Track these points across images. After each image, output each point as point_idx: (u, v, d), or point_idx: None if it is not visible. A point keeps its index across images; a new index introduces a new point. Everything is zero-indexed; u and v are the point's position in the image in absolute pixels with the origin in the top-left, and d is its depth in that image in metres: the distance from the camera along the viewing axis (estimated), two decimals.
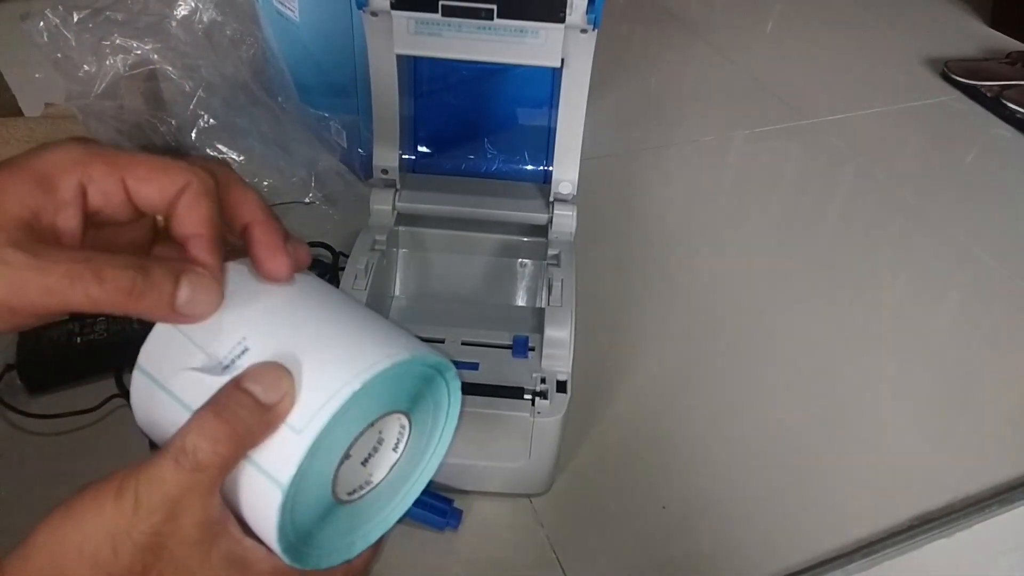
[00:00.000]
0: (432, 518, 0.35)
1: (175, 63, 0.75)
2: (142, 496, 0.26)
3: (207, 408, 0.27)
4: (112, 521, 0.26)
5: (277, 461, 0.27)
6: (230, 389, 0.27)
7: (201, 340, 0.29)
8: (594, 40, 0.57)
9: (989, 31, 1.43)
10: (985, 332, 0.81)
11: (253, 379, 0.27)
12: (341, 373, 0.27)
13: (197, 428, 0.26)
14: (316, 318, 0.30)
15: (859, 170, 1.03)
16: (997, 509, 0.62)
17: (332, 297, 0.31)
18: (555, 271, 0.61)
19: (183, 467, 0.26)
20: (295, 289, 0.31)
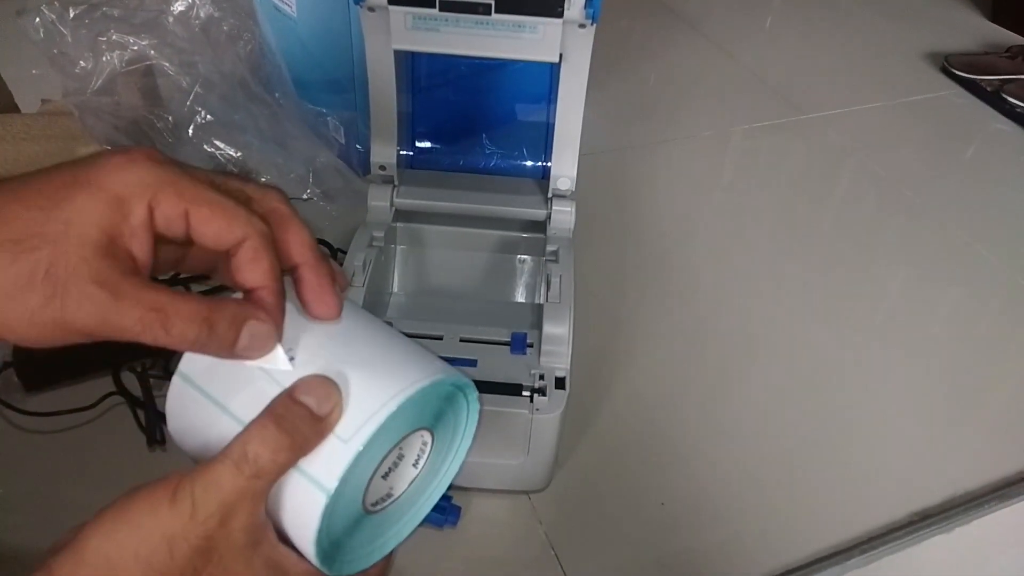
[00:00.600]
0: (431, 515, 0.35)
1: (172, 59, 0.75)
2: (199, 501, 0.26)
3: (267, 418, 0.28)
4: (169, 525, 0.26)
5: (324, 468, 0.28)
6: (286, 401, 0.28)
7: None
8: (592, 35, 0.57)
9: (989, 25, 1.43)
10: (985, 328, 0.80)
11: (306, 391, 0.28)
12: (384, 390, 0.29)
13: (259, 437, 0.27)
14: (357, 338, 0.31)
15: (859, 165, 1.02)
16: (996, 505, 0.62)
17: (367, 320, 0.33)
18: (553, 267, 0.61)
19: (243, 473, 0.27)
20: (345, 314, 0.32)
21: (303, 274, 0.30)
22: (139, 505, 0.27)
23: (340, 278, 0.32)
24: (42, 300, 0.24)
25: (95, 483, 0.57)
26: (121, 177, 0.26)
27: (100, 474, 0.58)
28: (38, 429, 0.60)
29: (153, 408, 0.61)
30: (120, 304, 0.25)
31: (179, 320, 0.26)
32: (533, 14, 0.54)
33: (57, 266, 0.24)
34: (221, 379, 0.30)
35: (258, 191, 0.30)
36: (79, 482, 0.57)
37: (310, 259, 0.30)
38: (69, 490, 0.57)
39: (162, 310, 0.26)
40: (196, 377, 0.31)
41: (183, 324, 0.26)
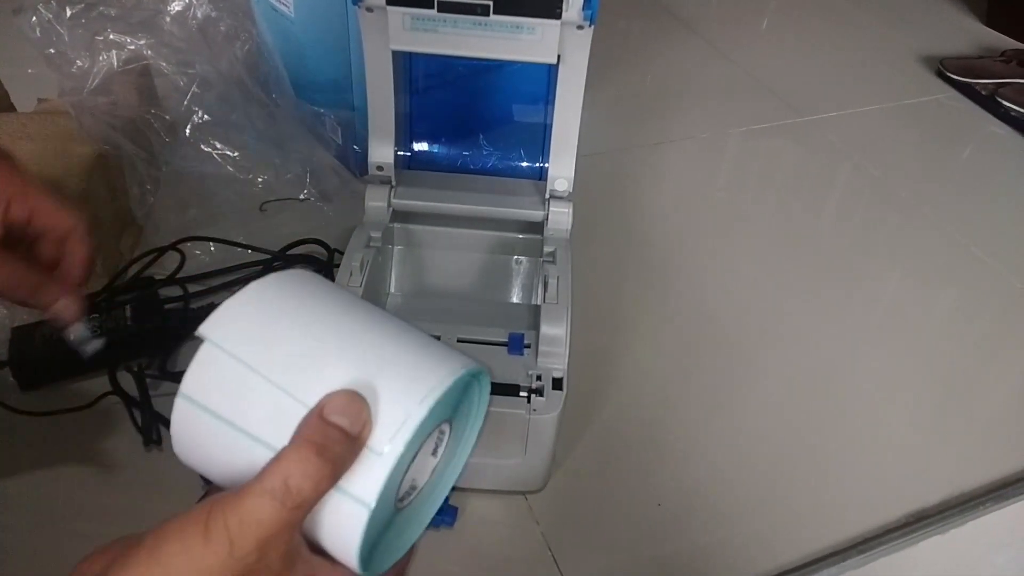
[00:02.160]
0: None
1: (169, 59, 0.75)
2: (236, 537, 0.25)
3: (306, 447, 0.27)
4: (204, 562, 0.25)
5: (362, 483, 0.27)
6: (320, 424, 0.27)
7: (264, 368, 0.29)
8: (590, 36, 0.57)
9: (984, 29, 1.43)
10: (980, 329, 0.81)
11: (338, 411, 0.27)
12: (412, 394, 0.28)
13: (301, 470, 0.26)
14: (371, 336, 0.30)
15: (855, 167, 1.03)
16: (991, 506, 0.62)
17: (375, 313, 0.32)
18: (551, 268, 0.61)
19: (285, 507, 0.26)
20: (341, 308, 0.31)
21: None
22: (171, 545, 0.26)
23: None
24: None
25: (91, 483, 0.57)
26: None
27: (96, 474, 0.58)
28: (34, 429, 0.60)
29: (149, 408, 0.60)
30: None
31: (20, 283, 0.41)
32: (531, 15, 0.54)
33: None
34: (230, 397, 0.29)
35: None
36: (75, 482, 0.57)
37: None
38: (65, 489, 0.57)
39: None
40: (202, 397, 0.29)
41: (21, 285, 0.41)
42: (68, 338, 0.46)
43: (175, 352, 0.66)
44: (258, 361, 0.29)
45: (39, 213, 0.42)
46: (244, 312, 0.30)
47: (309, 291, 0.32)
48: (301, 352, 0.29)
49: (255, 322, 0.30)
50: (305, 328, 0.30)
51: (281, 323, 0.30)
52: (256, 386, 0.28)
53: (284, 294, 0.31)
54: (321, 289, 0.32)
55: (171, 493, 0.58)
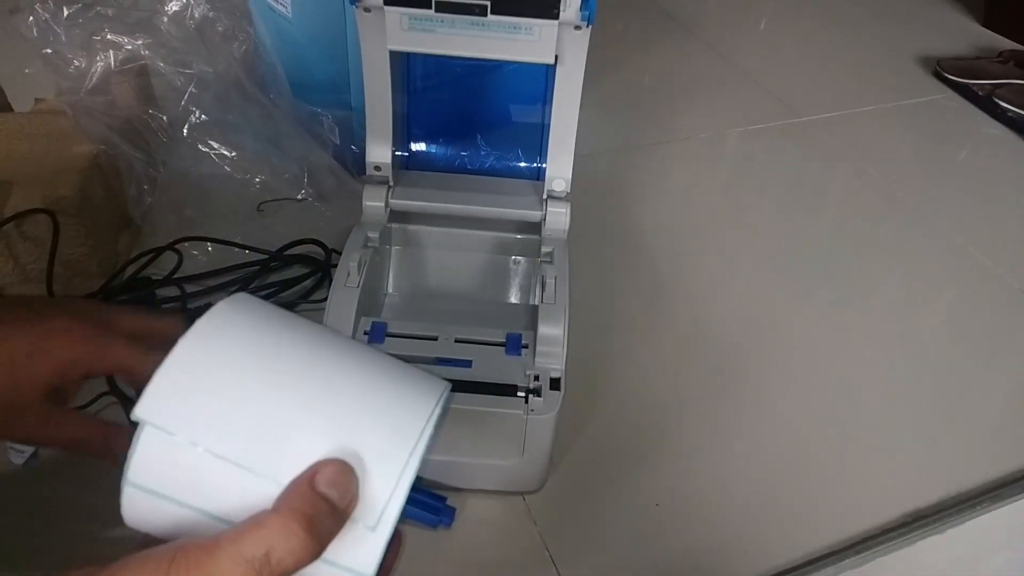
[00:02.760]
0: (425, 516, 0.35)
1: (166, 59, 0.75)
2: None
3: (294, 518, 0.25)
4: None
5: (359, 559, 0.26)
6: (311, 495, 0.25)
7: (221, 447, 0.26)
8: (588, 37, 0.57)
9: (981, 30, 1.44)
10: (977, 330, 0.81)
11: (328, 483, 0.26)
12: (395, 455, 0.27)
13: (285, 543, 0.24)
14: (335, 384, 0.28)
15: (852, 168, 1.03)
16: (989, 506, 0.62)
17: (329, 345, 0.29)
18: (548, 268, 0.61)
19: (251, 574, 0.24)
20: (290, 345, 0.29)
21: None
22: None
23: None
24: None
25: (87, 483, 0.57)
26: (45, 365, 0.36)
27: (92, 474, 0.57)
28: None
29: None
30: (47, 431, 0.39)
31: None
32: (529, 15, 0.54)
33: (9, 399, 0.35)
34: (188, 483, 0.26)
35: (156, 321, 0.40)
36: (70, 482, 0.57)
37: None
38: (60, 490, 0.56)
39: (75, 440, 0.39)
40: (155, 484, 0.27)
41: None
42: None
43: None
44: (212, 440, 0.26)
45: (121, 370, 0.38)
46: (183, 381, 0.27)
47: (250, 332, 0.28)
48: (260, 419, 0.26)
49: (199, 390, 0.26)
50: (258, 386, 0.27)
51: (229, 386, 0.26)
52: (216, 468, 0.26)
53: (224, 344, 0.27)
54: (262, 324, 0.29)
55: None
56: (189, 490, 0.26)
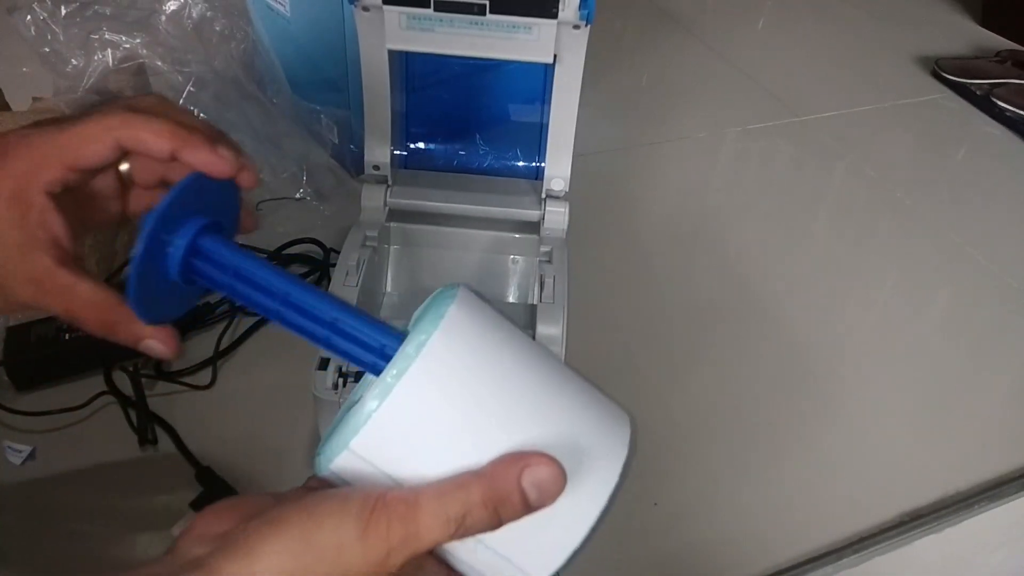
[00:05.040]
0: None
1: (164, 58, 0.75)
2: (394, 549, 0.25)
3: (492, 496, 0.26)
4: (354, 565, 0.25)
5: (536, 565, 0.27)
6: (510, 484, 0.26)
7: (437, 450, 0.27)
8: (587, 36, 0.57)
9: (979, 29, 1.44)
10: (974, 329, 0.81)
11: (533, 481, 0.26)
12: (599, 483, 0.28)
13: (480, 512, 0.26)
14: (554, 392, 0.29)
15: (850, 167, 1.03)
16: (986, 505, 0.62)
17: (541, 356, 0.30)
18: (547, 268, 0.61)
19: (449, 532, 0.25)
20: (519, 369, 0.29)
21: (180, 153, 0.31)
22: (325, 534, 0.25)
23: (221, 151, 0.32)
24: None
25: (86, 483, 0.57)
26: (6, 177, 0.30)
27: (91, 474, 0.57)
28: (29, 428, 0.59)
29: (145, 408, 0.60)
30: (47, 299, 0.31)
31: (86, 319, 0.31)
32: (528, 15, 0.54)
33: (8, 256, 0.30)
34: (403, 466, 0.27)
35: (125, 101, 0.33)
36: (70, 482, 0.57)
37: (174, 138, 0.31)
38: (60, 490, 0.56)
39: (72, 311, 0.31)
40: (370, 456, 0.27)
41: (89, 323, 0.31)
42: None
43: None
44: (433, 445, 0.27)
45: (69, 156, 0.31)
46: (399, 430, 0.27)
47: (471, 358, 0.28)
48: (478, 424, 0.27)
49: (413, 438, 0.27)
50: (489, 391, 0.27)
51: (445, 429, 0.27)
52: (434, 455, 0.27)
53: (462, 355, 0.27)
54: (483, 345, 0.28)
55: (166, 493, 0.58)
56: (402, 472, 0.27)
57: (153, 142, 0.31)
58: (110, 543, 0.53)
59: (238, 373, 0.65)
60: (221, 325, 0.68)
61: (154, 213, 0.29)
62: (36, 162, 0.30)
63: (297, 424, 0.62)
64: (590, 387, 0.31)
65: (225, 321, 0.69)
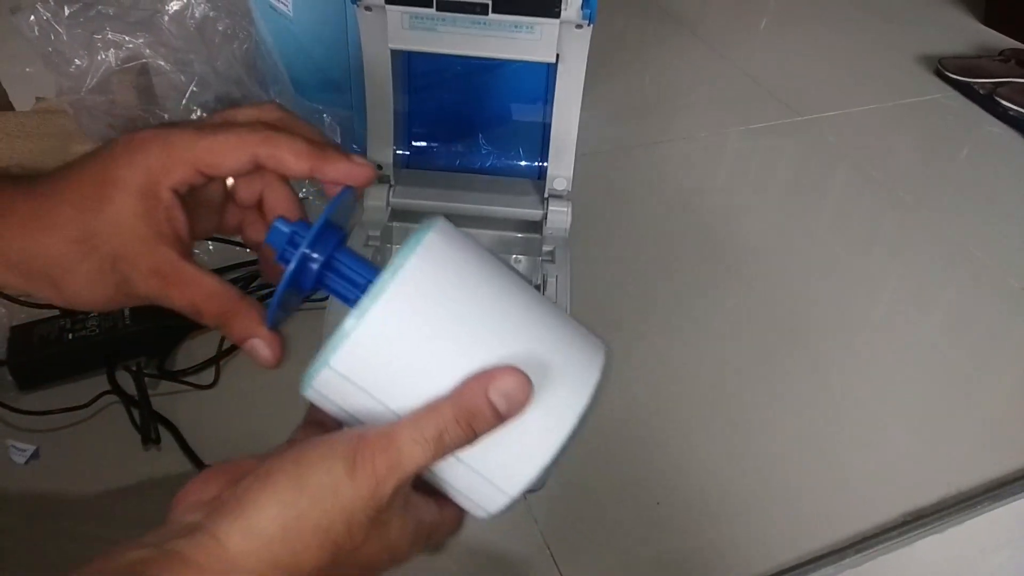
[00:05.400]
0: None
1: (167, 58, 0.75)
2: (381, 479, 0.27)
3: (462, 413, 0.28)
4: (349, 500, 0.27)
5: (508, 480, 0.29)
6: (479, 398, 0.28)
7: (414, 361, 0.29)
8: (589, 36, 0.57)
9: (982, 28, 1.43)
10: (977, 329, 0.81)
11: (500, 392, 0.28)
12: (568, 399, 0.30)
13: (454, 430, 0.28)
14: (526, 317, 0.30)
15: (853, 166, 1.03)
16: (988, 505, 0.62)
17: (518, 283, 0.32)
18: (550, 267, 0.61)
19: (433, 456, 0.28)
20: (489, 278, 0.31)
21: (320, 171, 0.33)
22: (316, 476, 0.27)
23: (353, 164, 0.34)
24: (115, 286, 0.31)
25: (90, 482, 0.57)
26: (138, 170, 0.31)
27: (95, 473, 0.58)
28: (32, 428, 0.59)
29: (148, 407, 0.60)
30: (170, 290, 0.32)
31: (206, 310, 0.32)
32: (530, 14, 0.54)
33: (120, 261, 0.31)
34: (382, 383, 0.29)
35: (251, 111, 0.34)
36: (73, 481, 0.57)
37: (313, 157, 0.32)
38: (63, 490, 0.56)
39: (195, 303, 0.32)
40: (350, 373, 0.29)
41: (208, 315, 0.32)
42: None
43: (173, 351, 0.66)
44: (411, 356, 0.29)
45: (208, 168, 0.32)
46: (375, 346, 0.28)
47: (450, 278, 0.30)
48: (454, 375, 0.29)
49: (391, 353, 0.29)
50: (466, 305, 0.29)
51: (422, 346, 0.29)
52: (410, 372, 0.29)
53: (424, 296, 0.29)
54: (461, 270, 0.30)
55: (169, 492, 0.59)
56: (381, 389, 0.29)
57: (293, 162, 0.32)
58: (113, 543, 0.53)
59: (241, 373, 0.65)
60: None
61: (314, 229, 0.31)
62: (170, 160, 0.31)
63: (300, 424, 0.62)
64: (566, 317, 0.32)
65: None
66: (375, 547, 0.28)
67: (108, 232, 0.31)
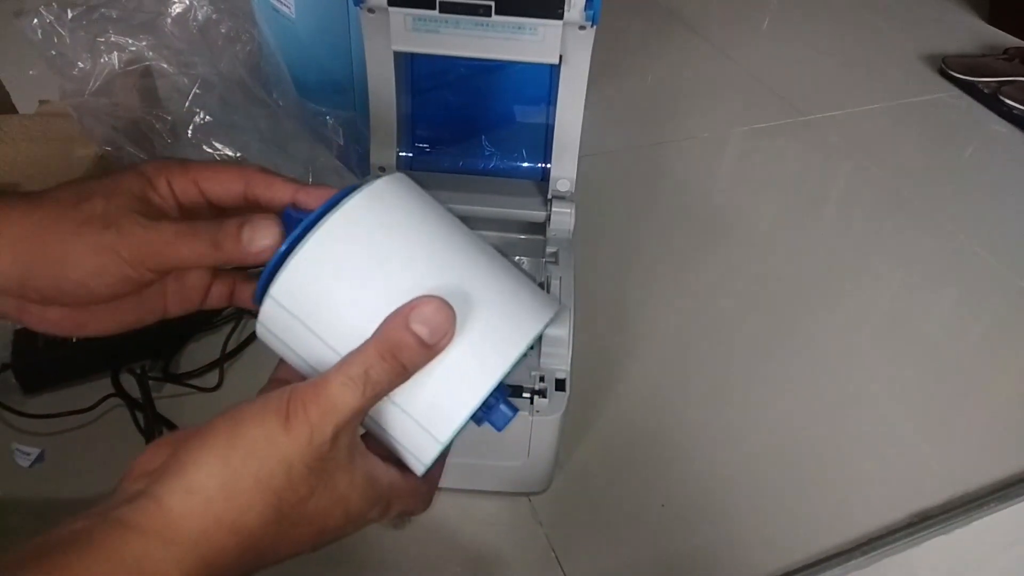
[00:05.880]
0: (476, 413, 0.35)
1: (170, 60, 0.75)
2: (316, 425, 0.27)
3: (385, 347, 0.28)
4: (286, 450, 0.27)
5: (440, 423, 0.29)
6: (400, 330, 0.28)
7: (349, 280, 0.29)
8: (592, 37, 0.57)
9: (987, 27, 1.43)
10: (982, 328, 0.81)
11: (421, 320, 0.28)
12: (501, 344, 0.29)
13: (380, 365, 0.28)
14: (465, 262, 0.31)
15: (857, 166, 1.03)
16: (996, 506, 0.62)
17: (468, 236, 0.32)
18: (553, 269, 0.61)
19: (364, 395, 0.28)
20: (434, 224, 0.31)
21: (300, 199, 0.34)
22: (251, 432, 0.27)
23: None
24: (99, 230, 0.30)
25: (94, 485, 0.57)
26: (143, 167, 0.33)
27: (99, 476, 0.58)
28: (36, 431, 0.60)
29: (152, 410, 0.60)
30: (157, 224, 0.31)
31: (202, 225, 0.31)
32: (533, 16, 0.54)
33: (109, 209, 0.30)
34: (319, 312, 0.30)
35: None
36: (78, 484, 0.57)
37: (297, 184, 0.34)
38: (68, 493, 0.57)
39: (190, 223, 0.31)
40: (291, 305, 0.30)
41: (206, 226, 0.31)
42: None
43: (177, 354, 0.66)
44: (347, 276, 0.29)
45: (203, 180, 0.34)
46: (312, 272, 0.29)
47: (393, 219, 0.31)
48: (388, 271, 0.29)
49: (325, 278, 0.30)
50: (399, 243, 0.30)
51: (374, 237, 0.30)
52: (336, 300, 0.29)
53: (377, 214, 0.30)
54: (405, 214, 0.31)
55: None
56: (318, 320, 0.29)
57: (281, 185, 0.34)
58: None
59: (245, 375, 0.65)
60: (228, 327, 0.68)
61: (318, 211, 0.31)
62: (166, 165, 0.33)
63: None
64: (518, 274, 0.33)
65: (232, 323, 0.69)
66: (323, 501, 0.28)
67: (103, 190, 0.31)
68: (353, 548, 0.54)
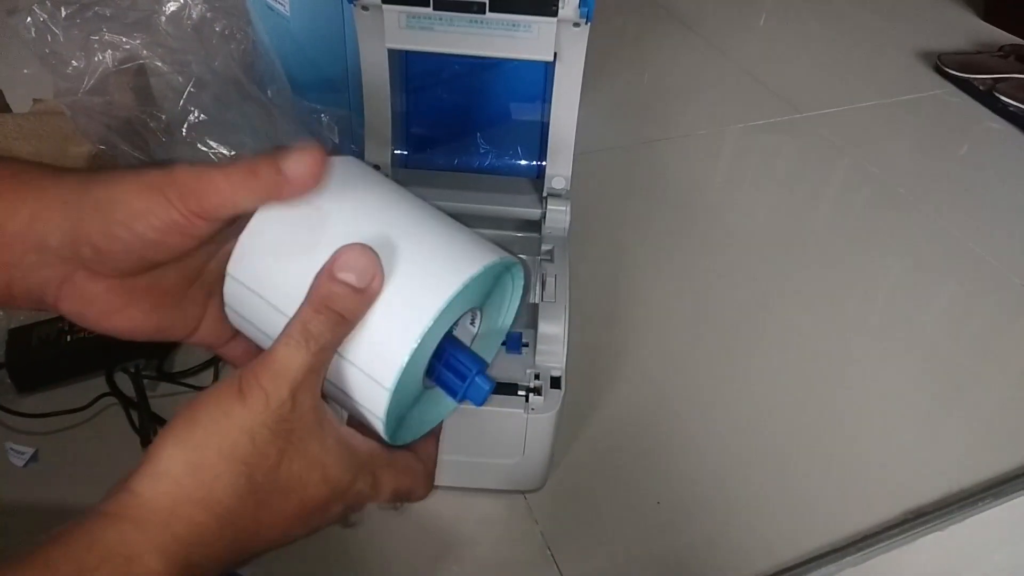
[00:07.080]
0: (450, 380, 0.33)
1: (165, 58, 0.74)
2: (270, 389, 0.27)
3: (317, 302, 0.28)
4: (246, 420, 0.27)
5: (382, 367, 0.29)
6: (328, 281, 0.28)
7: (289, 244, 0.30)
8: (587, 34, 0.57)
9: (982, 24, 1.43)
10: (977, 325, 0.81)
11: (345, 268, 0.28)
12: (440, 279, 0.30)
13: (317, 321, 0.28)
14: (407, 217, 0.32)
15: (852, 163, 1.03)
16: (990, 503, 0.62)
17: (416, 201, 0.33)
18: (548, 267, 0.60)
19: (309, 351, 0.28)
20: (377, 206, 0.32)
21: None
22: (208, 411, 0.27)
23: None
24: (145, 171, 0.29)
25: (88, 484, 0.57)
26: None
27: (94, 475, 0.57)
28: (31, 430, 0.59)
29: (147, 409, 0.60)
30: (202, 166, 0.29)
31: (246, 159, 0.30)
32: (528, 13, 0.54)
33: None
34: (268, 280, 0.31)
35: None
36: (73, 483, 0.57)
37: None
38: (62, 492, 0.56)
39: (224, 166, 0.30)
40: (243, 278, 0.31)
41: (251, 158, 0.30)
42: None
43: (172, 353, 0.66)
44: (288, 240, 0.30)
45: (208, 193, 0.30)
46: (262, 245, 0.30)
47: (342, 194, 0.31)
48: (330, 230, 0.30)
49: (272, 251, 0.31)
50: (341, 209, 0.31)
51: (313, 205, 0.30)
52: (286, 267, 0.30)
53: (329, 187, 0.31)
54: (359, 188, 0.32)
55: None
56: (269, 289, 0.31)
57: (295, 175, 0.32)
58: None
59: None
60: None
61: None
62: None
63: None
64: (460, 226, 0.34)
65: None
66: (296, 465, 0.28)
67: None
68: (349, 544, 0.54)
